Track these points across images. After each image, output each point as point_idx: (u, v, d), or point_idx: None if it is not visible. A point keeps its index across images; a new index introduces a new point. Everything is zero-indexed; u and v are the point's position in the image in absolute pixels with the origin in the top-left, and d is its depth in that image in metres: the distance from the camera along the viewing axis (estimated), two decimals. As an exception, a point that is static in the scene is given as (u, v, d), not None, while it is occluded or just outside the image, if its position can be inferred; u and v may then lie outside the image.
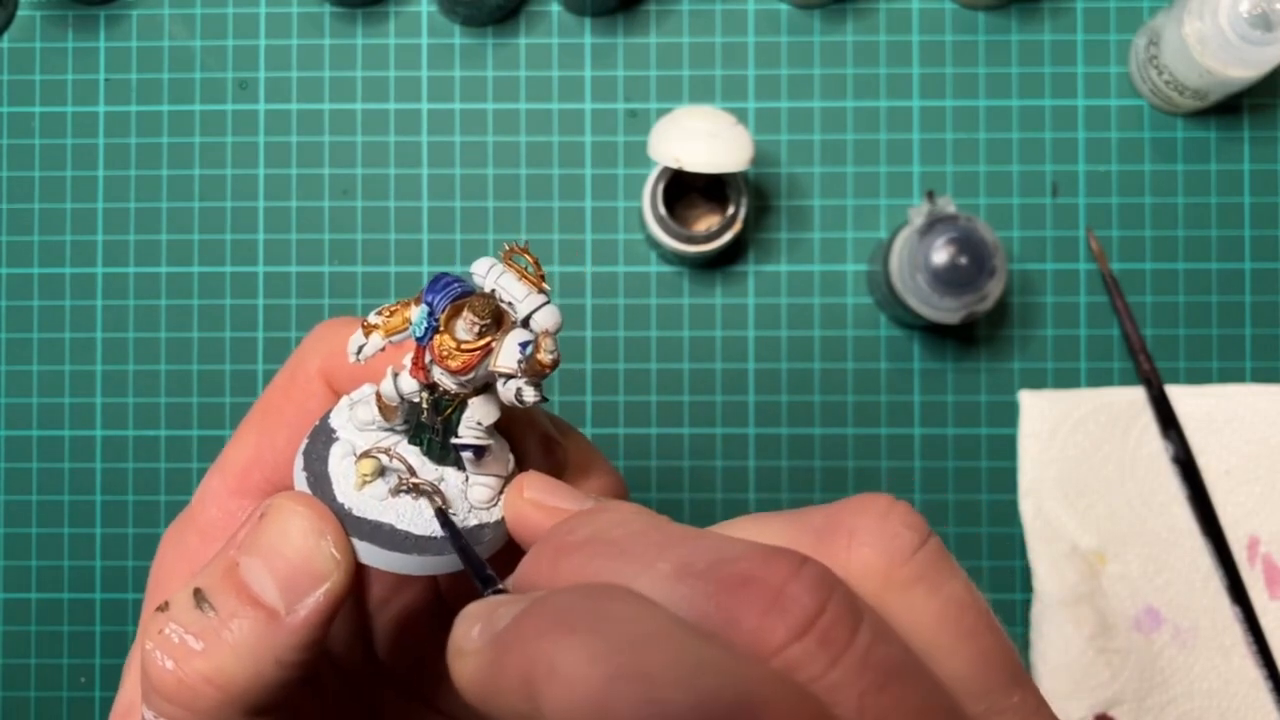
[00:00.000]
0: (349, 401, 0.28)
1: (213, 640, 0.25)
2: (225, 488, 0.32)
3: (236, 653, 0.25)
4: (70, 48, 0.58)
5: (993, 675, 0.23)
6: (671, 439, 0.57)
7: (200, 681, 0.25)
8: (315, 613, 0.25)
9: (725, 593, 0.20)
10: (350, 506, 0.26)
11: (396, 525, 0.26)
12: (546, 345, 0.25)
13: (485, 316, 0.25)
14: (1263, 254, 0.57)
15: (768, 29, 0.58)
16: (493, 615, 0.21)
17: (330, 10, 0.58)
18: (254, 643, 0.25)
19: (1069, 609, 0.54)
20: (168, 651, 0.25)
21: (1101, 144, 0.57)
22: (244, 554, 0.26)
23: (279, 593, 0.25)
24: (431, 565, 0.27)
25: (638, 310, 0.57)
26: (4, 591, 0.57)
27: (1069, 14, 0.57)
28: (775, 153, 0.57)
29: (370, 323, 0.27)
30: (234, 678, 0.25)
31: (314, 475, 0.27)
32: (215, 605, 0.25)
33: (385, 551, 0.26)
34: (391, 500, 0.27)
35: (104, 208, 0.57)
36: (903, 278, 0.51)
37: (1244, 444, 0.56)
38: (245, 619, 0.25)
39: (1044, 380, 0.57)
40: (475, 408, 0.26)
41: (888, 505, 0.23)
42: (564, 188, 0.57)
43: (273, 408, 0.32)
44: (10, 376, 0.57)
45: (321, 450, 0.27)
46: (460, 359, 0.25)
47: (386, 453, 0.27)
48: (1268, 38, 0.50)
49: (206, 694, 0.25)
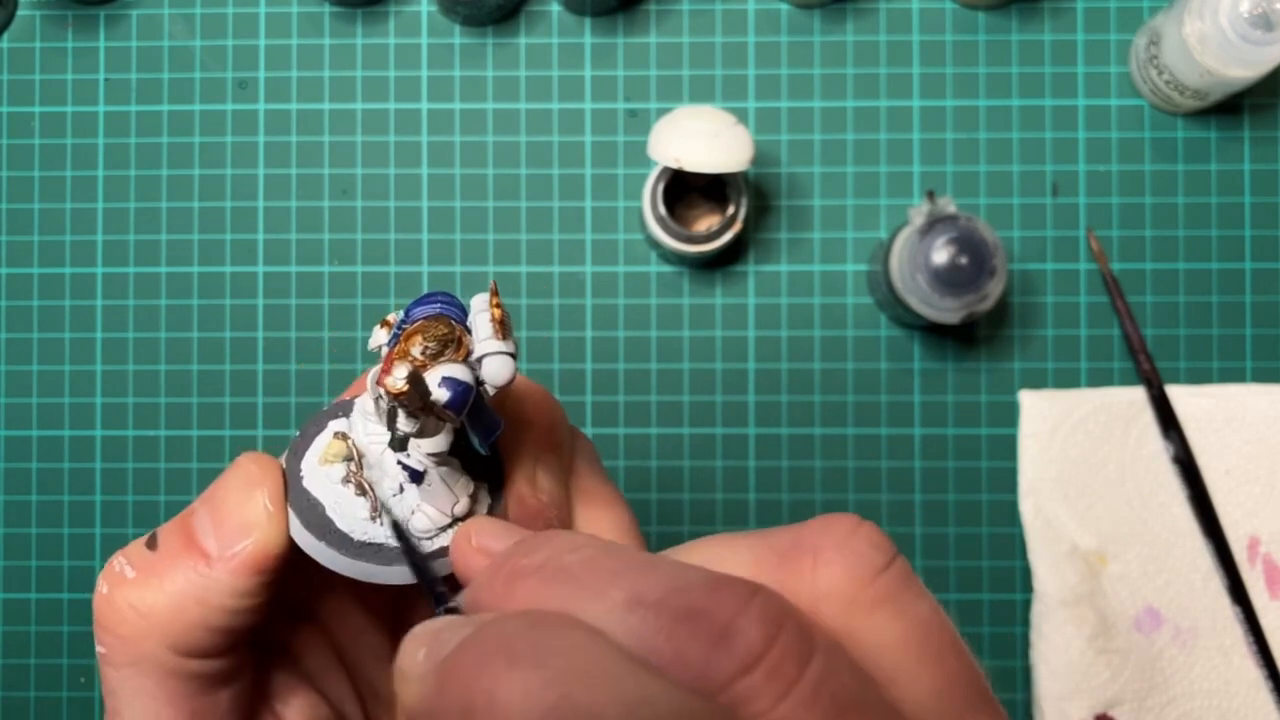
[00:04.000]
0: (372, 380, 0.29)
1: (146, 573, 0.27)
2: None
3: (162, 584, 0.27)
4: (70, 48, 0.58)
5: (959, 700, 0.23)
6: (671, 439, 0.57)
7: (125, 607, 0.27)
8: (243, 560, 0.27)
9: (674, 625, 0.20)
10: (303, 476, 0.28)
11: (326, 510, 0.27)
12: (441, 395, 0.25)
13: (431, 341, 0.26)
14: (1263, 254, 0.57)
15: (768, 29, 0.58)
16: (438, 639, 0.21)
17: (330, 10, 0.58)
18: (180, 579, 0.27)
19: (1069, 609, 0.54)
20: (107, 578, 0.28)
21: (1101, 144, 0.57)
22: (200, 503, 0.28)
23: (215, 540, 0.27)
24: (337, 563, 0.27)
25: (638, 310, 0.57)
26: (4, 591, 0.57)
27: (1069, 14, 0.57)
28: (775, 153, 0.57)
29: (386, 319, 0.28)
30: (154, 607, 0.27)
31: (303, 438, 0.28)
32: (161, 545, 0.27)
33: (306, 532, 0.27)
34: (338, 486, 0.27)
35: (104, 208, 0.57)
36: (903, 278, 0.51)
37: (1244, 444, 0.56)
38: (181, 558, 0.27)
39: (1044, 380, 0.57)
40: None
41: (853, 525, 0.23)
42: (564, 188, 0.57)
43: None
44: (10, 376, 0.57)
45: (329, 416, 0.29)
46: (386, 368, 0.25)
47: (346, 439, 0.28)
48: (1268, 38, 0.50)
49: (130, 619, 0.27)
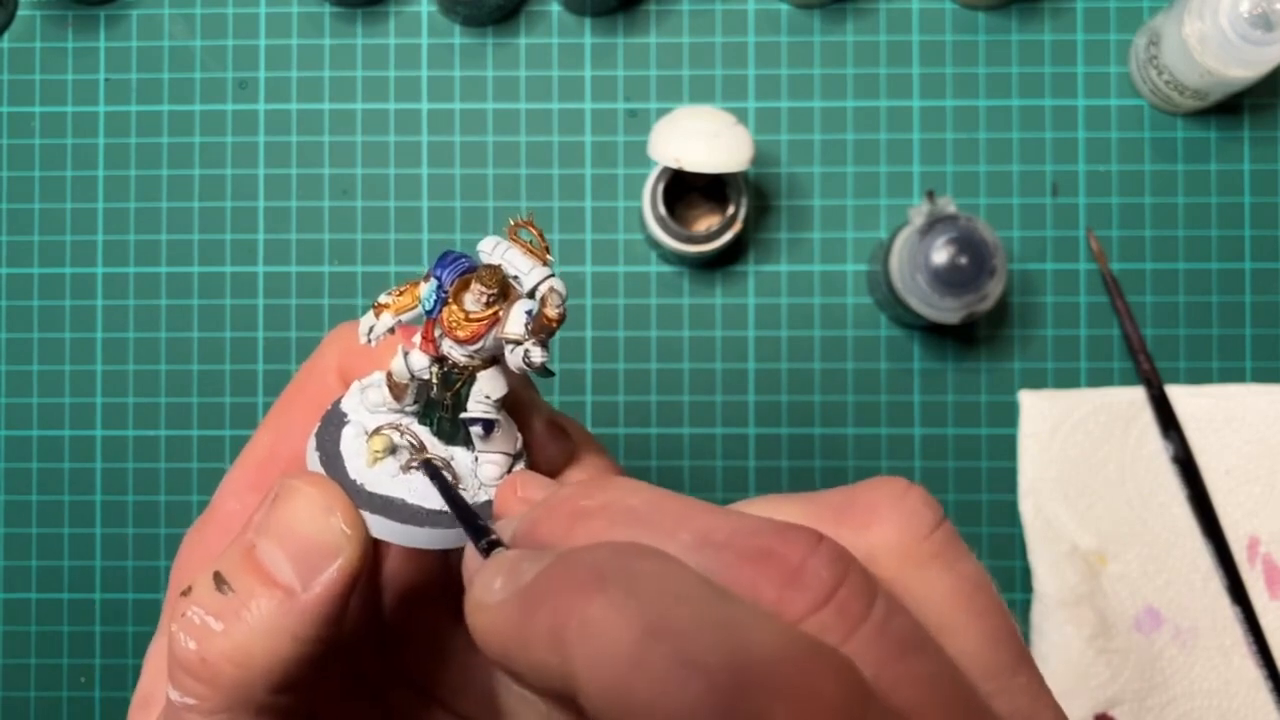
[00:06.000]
0: (360, 386, 0.29)
1: (232, 620, 0.26)
2: (243, 482, 0.32)
3: (254, 631, 0.26)
4: (70, 48, 0.58)
5: (1001, 654, 0.24)
6: (671, 439, 0.57)
7: (221, 660, 0.26)
8: (330, 588, 0.26)
9: (745, 564, 0.21)
10: (363, 483, 0.27)
11: (408, 500, 0.27)
12: (552, 300, 0.26)
13: (493, 286, 0.26)
14: (1263, 254, 0.57)
15: (768, 29, 0.58)
16: (516, 569, 0.22)
17: (330, 10, 0.58)
18: (271, 621, 0.26)
19: (1069, 609, 0.54)
20: (190, 633, 0.26)
21: (1101, 144, 0.57)
22: (259, 536, 0.27)
23: (294, 571, 0.26)
24: (444, 539, 0.27)
25: (638, 310, 0.57)
26: (4, 591, 0.57)
27: (1069, 14, 0.57)
28: (775, 153, 0.57)
29: (381, 302, 0.28)
30: (253, 655, 0.26)
31: (326, 456, 0.28)
32: (234, 586, 0.26)
33: (399, 525, 0.27)
34: (403, 476, 0.27)
35: (104, 208, 0.57)
36: (903, 278, 0.51)
37: (1244, 444, 0.56)
38: (262, 598, 0.26)
39: (1044, 380, 0.57)
40: (483, 381, 0.27)
41: (905, 486, 0.24)
42: (564, 188, 0.57)
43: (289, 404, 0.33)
44: (10, 376, 0.57)
45: (333, 433, 0.28)
46: (468, 329, 0.26)
47: (397, 429, 0.28)
48: (1268, 38, 0.50)
49: (228, 672, 0.26)
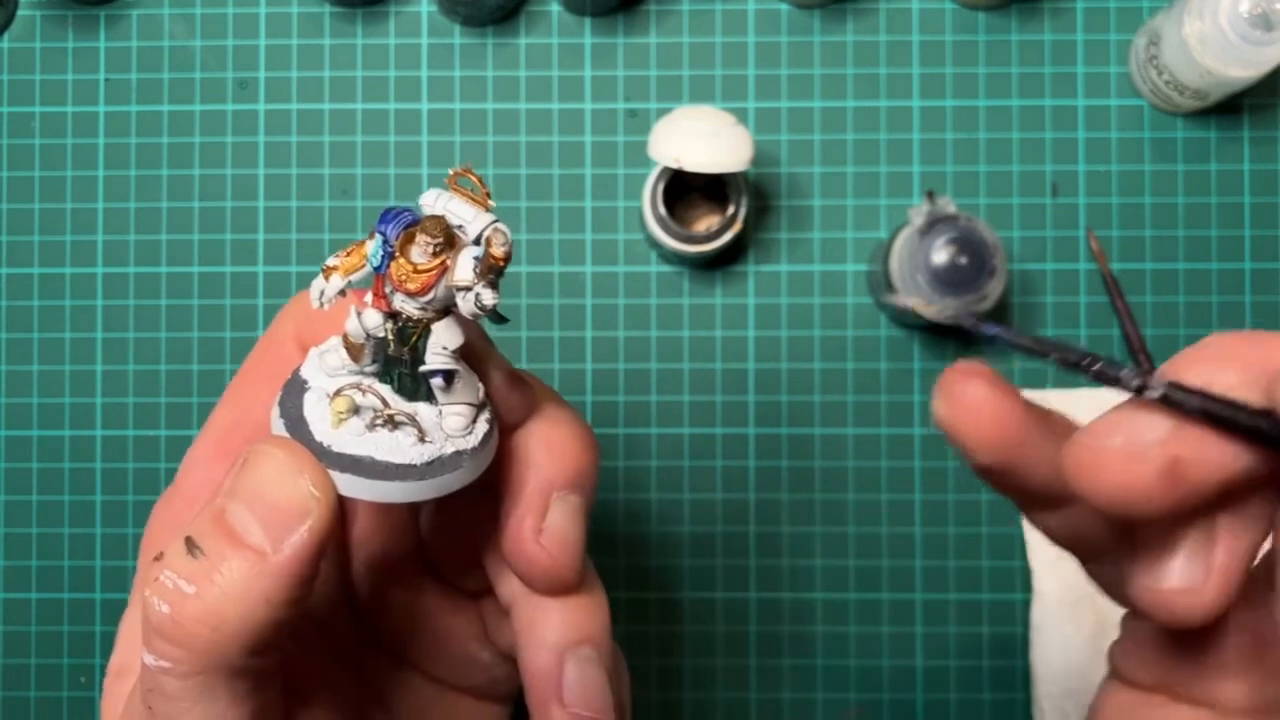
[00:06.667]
0: (317, 352, 0.29)
1: (204, 583, 0.26)
2: (206, 453, 0.33)
3: (226, 594, 0.26)
4: (70, 48, 0.58)
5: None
6: (671, 439, 0.57)
7: (194, 623, 0.26)
8: (300, 550, 0.26)
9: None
10: (329, 444, 0.27)
11: (377, 457, 0.27)
12: (497, 240, 0.26)
13: (438, 235, 0.26)
14: (1263, 254, 0.57)
15: (768, 29, 0.58)
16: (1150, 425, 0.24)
17: (330, 10, 0.58)
18: (243, 583, 0.26)
19: (1069, 609, 0.54)
20: (163, 597, 0.26)
21: (1101, 144, 0.57)
22: (229, 499, 0.27)
23: (264, 533, 0.26)
24: (415, 490, 0.27)
25: (638, 310, 0.57)
26: (4, 591, 0.57)
27: (1069, 14, 0.57)
28: (775, 153, 0.57)
29: (329, 265, 0.28)
30: (225, 618, 0.26)
31: (291, 422, 0.28)
32: (205, 550, 0.26)
33: (369, 481, 0.27)
34: (369, 435, 0.27)
35: (104, 208, 0.57)
36: (903, 278, 0.51)
37: (1244, 444, 0.56)
38: (233, 560, 0.26)
39: (1044, 380, 0.57)
40: (439, 332, 0.27)
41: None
42: (564, 188, 0.57)
43: (249, 375, 0.33)
44: (10, 376, 0.57)
45: (296, 400, 0.28)
46: (418, 280, 0.26)
47: (359, 388, 0.28)
48: (1268, 38, 0.50)
49: (201, 634, 0.26)
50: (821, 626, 0.56)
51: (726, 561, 0.56)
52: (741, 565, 0.56)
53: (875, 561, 0.56)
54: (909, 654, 0.56)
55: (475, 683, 0.37)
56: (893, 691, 0.56)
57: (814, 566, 0.56)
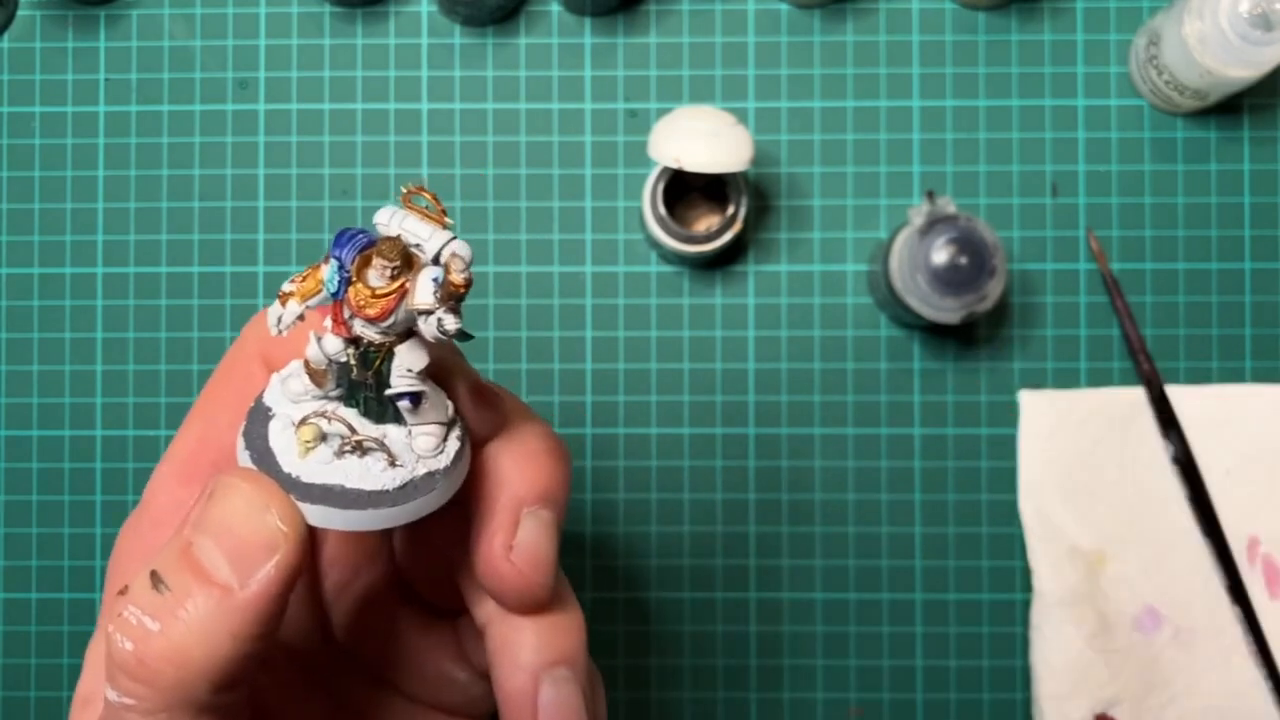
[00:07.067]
0: (280, 378, 0.29)
1: (169, 620, 0.26)
2: (173, 476, 0.32)
3: (192, 631, 0.25)
4: (70, 48, 0.58)
5: None
6: (671, 439, 0.57)
7: (158, 660, 0.25)
8: (268, 586, 0.26)
9: None
10: (298, 475, 0.27)
11: (347, 485, 0.27)
12: (456, 266, 0.25)
13: (395, 258, 0.25)
14: (1263, 254, 0.57)
15: (768, 29, 0.58)
16: None
17: (330, 10, 0.58)
18: (208, 620, 0.25)
19: (1069, 609, 0.54)
20: (127, 633, 0.26)
21: (1101, 144, 0.57)
22: (195, 533, 0.26)
23: (230, 569, 0.26)
24: (387, 517, 0.27)
25: (638, 310, 0.57)
26: (4, 591, 0.57)
27: (1069, 14, 0.57)
28: (775, 153, 0.57)
29: (285, 291, 0.27)
30: (191, 655, 0.25)
31: (257, 453, 0.27)
32: (170, 585, 0.26)
33: (341, 511, 0.26)
34: (338, 462, 0.27)
35: (104, 208, 0.57)
36: (903, 278, 0.51)
37: (1244, 444, 0.56)
38: (199, 597, 0.26)
39: (1044, 380, 0.57)
40: (403, 355, 0.26)
41: None
42: (564, 188, 0.57)
43: (214, 395, 0.33)
44: (10, 376, 0.57)
45: (260, 428, 0.28)
46: (377, 305, 0.25)
47: (324, 416, 0.27)
48: (1268, 38, 0.50)
49: (166, 672, 0.25)
50: (821, 626, 0.56)
51: (726, 561, 0.56)
52: (741, 565, 0.56)
53: (875, 561, 0.56)
54: (909, 654, 0.56)
55: (452, 702, 0.36)
56: (893, 691, 0.56)
57: (814, 566, 0.56)
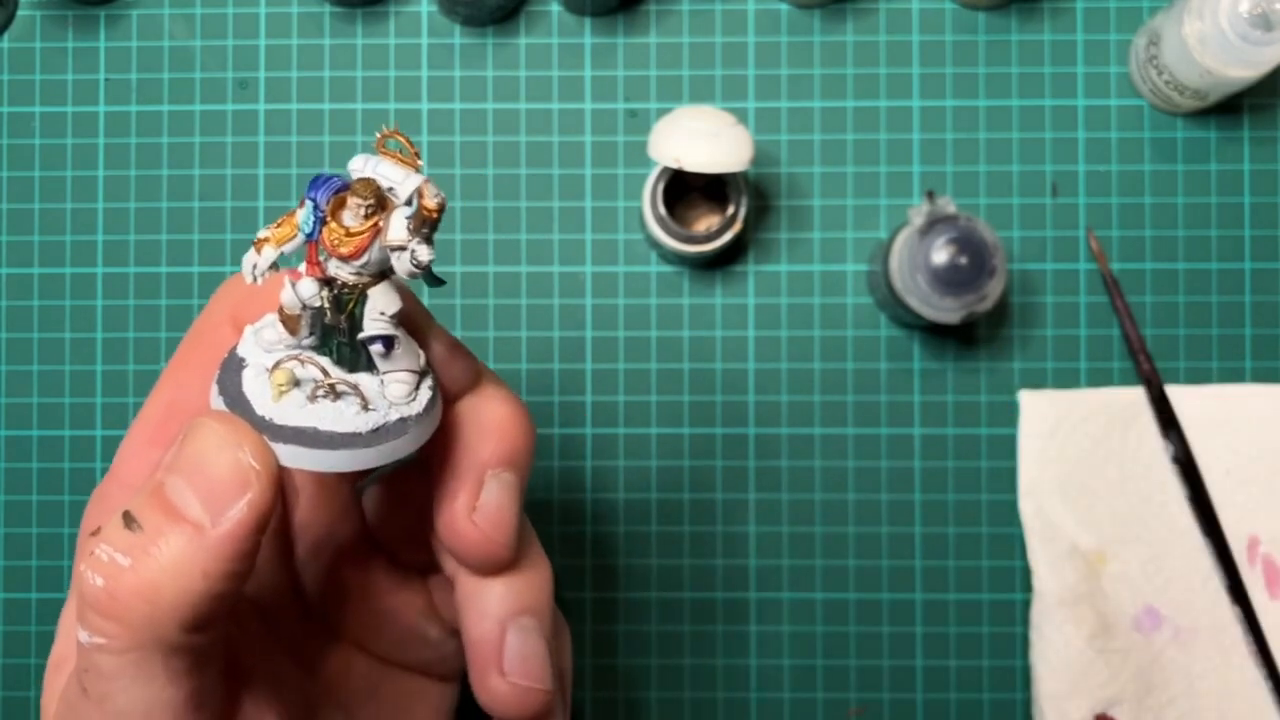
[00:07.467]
0: (253, 330, 0.29)
1: (141, 556, 0.26)
2: (143, 440, 0.32)
3: (163, 567, 0.25)
4: (70, 48, 0.58)
5: None
6: (671, 439, 0.57)
7: (130, 595, 0.25)
8: (240, 525, 0.26)
9: None
10: (271, 417, 0.27)
11: (320, 427, 0.27)
12: (429, 191, 0.26)
13: (369, 197, 0.26)
14: (1263, 254, 0.57)
15: (768, 29, 0.58)
16: None
17: (330, 10, 0.58)
18: (180, 557, 0.25)
19: (1069, 609, 0.54)
20: (99, 571, 0.26)
21: (1101, 144, 0.57)
22: (168, 473, 0.26)
23: (202, 507, 0.26)
24: (360, 459, 0.27)
25: (638, 310, 0.57)
26: (4, 591, 0.57)
27: (1069, 14, 0.57)
28: (775, 153, 0.57)
29: (261, 237, 0.27)
30: (162, 591, 0.25)
31: (230, 398, 0.27)
32: (143, 524, 0.26)
33: (313, 451, 0.27)
34: (311, 406, 0.27)
35: (104, 208, 0.58)
36: (903, 278, 0.51)
37: (1244, 444, 0.56)
38: (171, 534, 0.26)
39: (1044, 380, 0.57)
40: (376, 297, 0.27)
41: None
42: (564, 188, 0.57)
43: (184, 359, 0.33)
44: (10, 376, 0.57)
45: (234, 377, 0.28)
46: (351, 243, 0.26)
47: (298, 360, 0.27)
48: (1268, 38, 0.50)
49: (137, 608, 0.25)
50: (821, 627, 0.56)
51: (726, 561, 0.56)
52: (742, 565, 0.56)
53: (875, 561, 0.56)
54: (909, 654, 0.56)
55: (423, 659, 0.36)
56: (893, 691, 0.56)
57: (814, 566, 0.56)
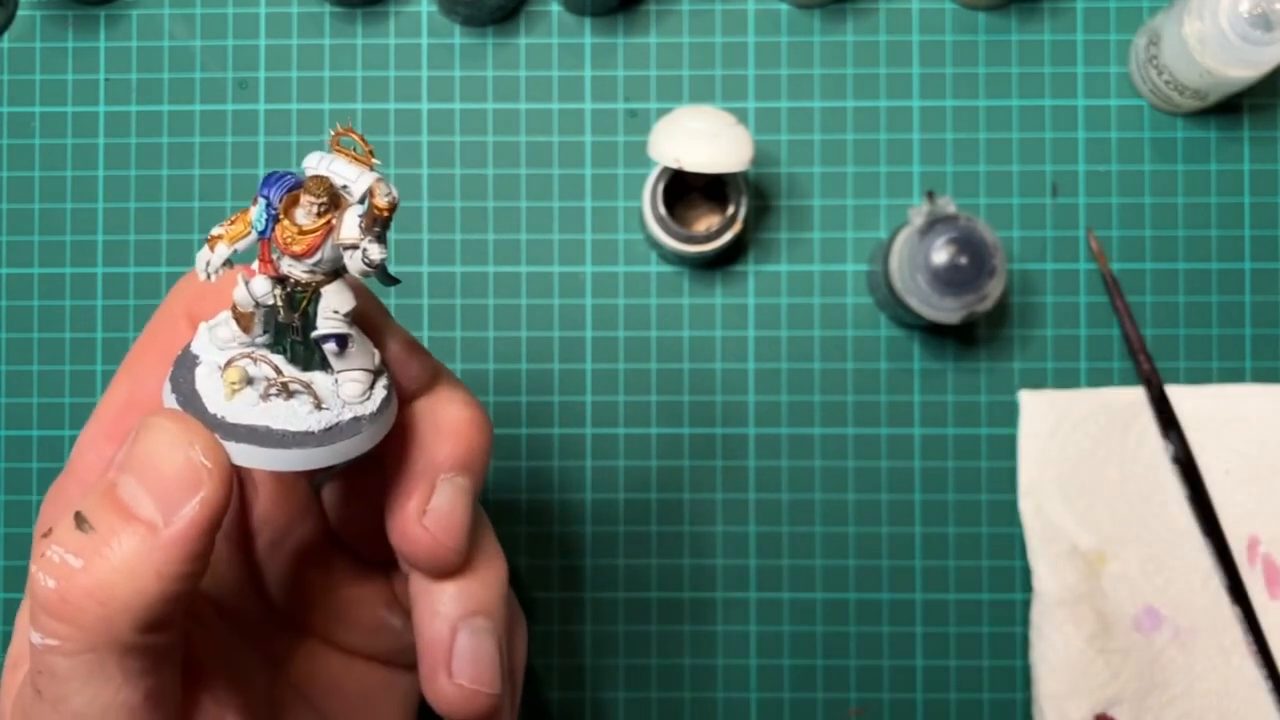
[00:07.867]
0: (207, 327, 0.29)
1: (93, 557, 0.25)
2: (100, 435, 0.32)
3: (116, 568, 0.25)
4: (70, 48, 0.58)
5: None
6: (671, 439, 0.57)
7: (82, 597, 0.25)
8: (192, 524, 0.26)
9: None
10: (223, 415, 0.27)
11: (273, 426, 0.27)
12: (380, 190, 0.26)
13: (322, 195, 0.26)
14: (1263, 254, 0.57)
15: (768, 29, 0.58)
16: None
17: (330, 10, 0.58)
18: (133, 557, 0.25)
19: (1069, 609, 0.54)
20: (50, 572, 0.25)
21: (1101, 144, 0.57)
22: (120, 473, 0.26)
23: (155, 506, 0.26)
24: (312, 458, 0.27)
25: (638, 310, 0.57)
26: (4, 591, 0.57)
27: (1069, 14, 0.57)
28: (775, 153, 0.57)
29: (214, 234, 0.27)
30: (115, 592, 0.25)
31: (183, 396, 0.27)
32: (95, 524, 0.26)
33: (266, 450, 0.26)
34: (264, 405, 0.27)
35: (104, 208, 0.58)
36: (903, 278, 0.51)
37: (1244, 444, 0.56)
38: (124, 535, 0.25)
39: (1044, 380, 0.57)
40: (329, 296, 0.27)
41: None
42: (564, 188, 0.57)
43: (141, 354, 0.33)
44: (10, 376, 0.57)
45: (187, 374, 0.28)
46: (303, 241, 0.26)
47: (251, 358, 0.27)
48: (1268, 38, 0.50)
49: (89, 609, 0.25)
50: (821, 627, 0.56)
51: (726, 561, 0.56)
52: (742, 565, 0.56)
53: (875, 561, 0.56)
54: (909, 654, 0.56)
55: (389, 649, 0.36)
56: (893, 691, 0.56)
57: (814, 566, 0.56)
